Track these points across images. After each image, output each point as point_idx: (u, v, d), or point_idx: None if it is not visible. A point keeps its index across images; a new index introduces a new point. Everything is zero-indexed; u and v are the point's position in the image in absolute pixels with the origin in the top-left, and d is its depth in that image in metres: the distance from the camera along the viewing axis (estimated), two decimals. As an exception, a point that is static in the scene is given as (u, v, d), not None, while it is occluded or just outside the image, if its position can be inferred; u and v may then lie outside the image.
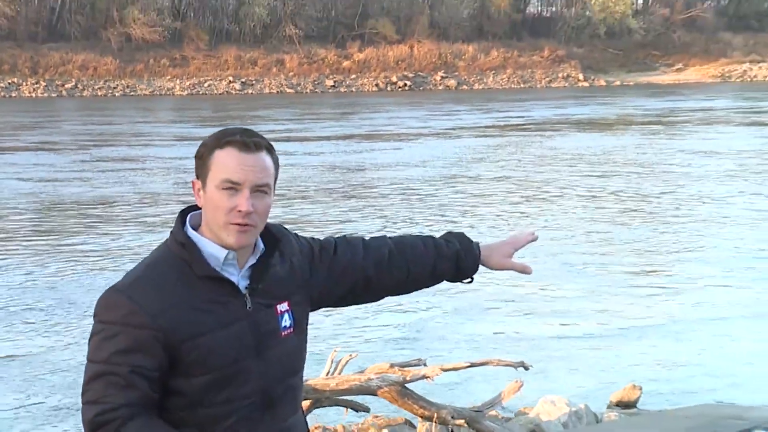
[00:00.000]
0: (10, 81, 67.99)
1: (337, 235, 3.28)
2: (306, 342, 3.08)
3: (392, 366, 8.68)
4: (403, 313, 14.52)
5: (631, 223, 22.09)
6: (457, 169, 30.82)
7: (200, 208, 2.92)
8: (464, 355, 11.13)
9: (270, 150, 2.89)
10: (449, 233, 3.38)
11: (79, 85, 69.71)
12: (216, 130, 2.97)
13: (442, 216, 23.21)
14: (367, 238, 3.30)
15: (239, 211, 2.79)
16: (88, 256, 17.66)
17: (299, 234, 3.23)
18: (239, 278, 2.88)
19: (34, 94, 67.58)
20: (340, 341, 12.25)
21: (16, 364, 11.93)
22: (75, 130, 45.33)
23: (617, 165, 31.38)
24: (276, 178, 2.95)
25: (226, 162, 2.80)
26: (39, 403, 10.48)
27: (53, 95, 68.04)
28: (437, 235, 3.49)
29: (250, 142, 2.83)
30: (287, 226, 3.37)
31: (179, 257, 2.83)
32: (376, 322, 13.99)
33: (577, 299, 15.41)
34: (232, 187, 2.80)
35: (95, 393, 2.74)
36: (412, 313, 14.48)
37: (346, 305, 3.35)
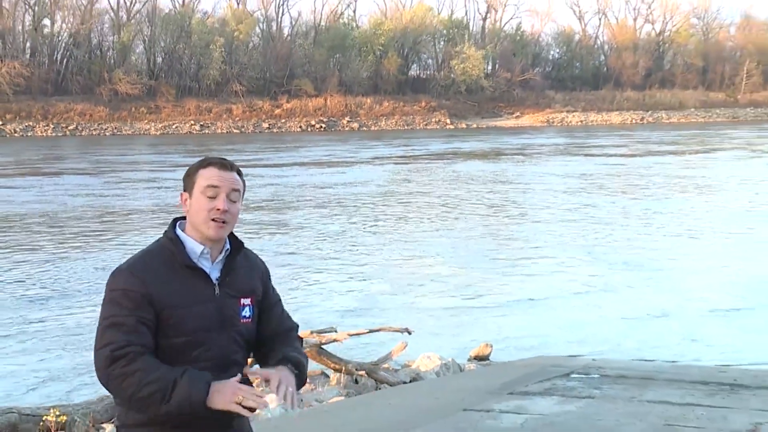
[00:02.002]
0: (26, 124, 66.14)
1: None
2: (255, 329, 2.94)
3: (312, 332, 8.85)
4: (354, 289, 14.54)
5: (511, 223, 22.31)
6: (391, 187, 30.88)
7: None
8: (384, 321, 11.19)
9: (239, 172, 2.88)
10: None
11: (78, 127, 67.87)
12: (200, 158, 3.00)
13: (387, 217, 23.45)
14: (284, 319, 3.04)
15: (218, 209, 2.77)
16: (136, 249, 18.08)
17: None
18: (211, 270, 2.82)
19: (44, 134, 65.55)
20: (314, 311, 12.44)
21: (76, 327, 11.76)
22: (95, 160, 44.01)
23: (500, 183, 31.64)
24: (243, 194, 2.91)
25: (209, 175, 2.81)
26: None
27: (59, 135, 65.89)
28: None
29: (226, 162, 2.85)
30: (276, 228, 4.05)
31: (168, 249, 2.80)
32: (334, 293, 14.10)
33: (461, 279, 15.39)
34: (213, 191, 2.79)
35: (109, 338, 2.69)
36: (361, 288, 14.55)
37: None
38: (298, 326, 3.10)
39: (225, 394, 2.61)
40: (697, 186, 30.11)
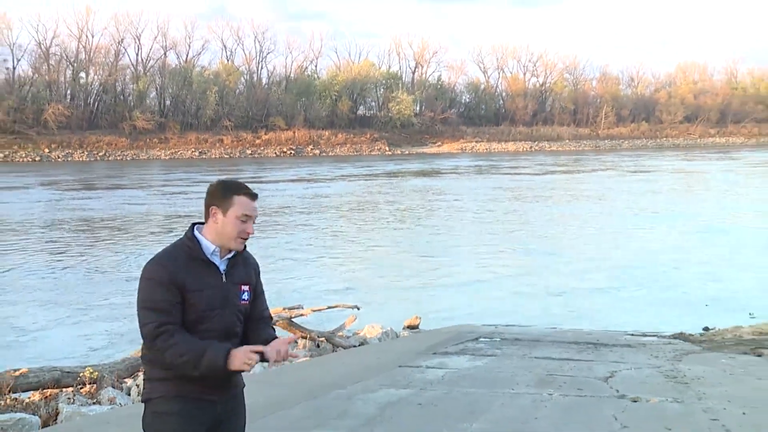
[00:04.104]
0: (66, 152, 65.18)
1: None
2: (250, 309, 2.87)
3: (284, 308, 8.81)
4: (341, 272, 14.75)
5: (452, 222, 22.88)
6: (366, 197, 31.27)
7: (203, 223, 2.79)
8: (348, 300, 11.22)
9: (257, 198, 2.83)
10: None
11: (106, 154, 66.95)
12: (217, 178, 2.89)
13: (367, 218, 24.07)
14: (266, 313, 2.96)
15: (248, 233, 2.73)
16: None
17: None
18: (220, 263, 2.76)
19: (80, 159, 64.52)
20: (300, 293, 12.29)
21: (123, 307, 11.77)
22: (137, 178, 42.91)
23: (444, 194, 32.33)
24: None
25: (245, 203, 2.72)
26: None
27: (91, 160, 64.81)
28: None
29: (254, 194, 2.77)
30: (283, 230, 4.54)
31: (187, 246, 2.74)
32: (322, 278, 14.04)
33: (403, 265, 15.36)
34: (246, 218, 2.72)
35: (148, 318, 2.63)
36: (327, 273, 14.48)
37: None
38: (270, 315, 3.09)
39: (238, 359, 2.60)
40: (587, 195, 31.26)
